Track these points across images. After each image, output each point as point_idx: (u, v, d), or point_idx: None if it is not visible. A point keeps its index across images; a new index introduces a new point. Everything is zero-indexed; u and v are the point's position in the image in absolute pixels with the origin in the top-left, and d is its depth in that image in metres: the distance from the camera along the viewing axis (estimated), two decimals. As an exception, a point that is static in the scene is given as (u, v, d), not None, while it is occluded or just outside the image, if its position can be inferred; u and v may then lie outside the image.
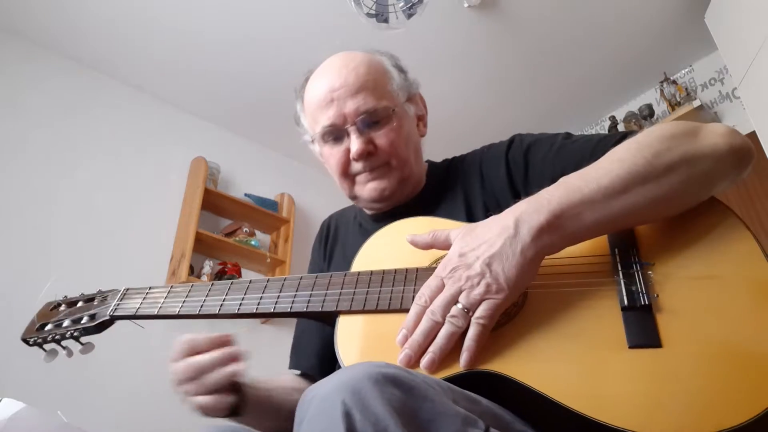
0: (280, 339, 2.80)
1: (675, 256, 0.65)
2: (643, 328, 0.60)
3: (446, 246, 0.70)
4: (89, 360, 0.84)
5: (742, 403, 0.52)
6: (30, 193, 2.35)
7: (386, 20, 2.00)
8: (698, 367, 0.55)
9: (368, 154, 0.89)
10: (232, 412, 0.75)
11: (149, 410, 2.23)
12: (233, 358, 0.74)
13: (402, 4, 1.97)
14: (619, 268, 0.65)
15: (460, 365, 0.61)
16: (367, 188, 0.92)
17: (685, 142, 0.67)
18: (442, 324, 0.63)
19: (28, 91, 2.50)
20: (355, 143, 0.88)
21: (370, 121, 0.89)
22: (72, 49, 2.64)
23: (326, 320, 0.76)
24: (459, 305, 0.63)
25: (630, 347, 0.59)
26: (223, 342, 0.76)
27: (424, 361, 0.62)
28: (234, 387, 0.75)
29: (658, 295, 0.62)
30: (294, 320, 1.03)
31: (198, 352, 0.75)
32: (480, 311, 0.62)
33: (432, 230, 0.73)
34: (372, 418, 0.47)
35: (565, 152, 0.83)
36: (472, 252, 0.65)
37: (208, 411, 0.74)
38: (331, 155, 0.93)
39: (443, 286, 0.65)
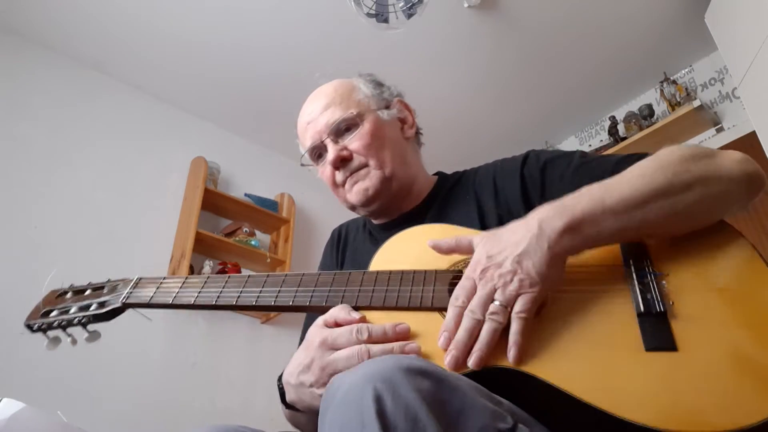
0: (281, 339, 2.80)
1: (687, 269, 0.68)
2: (659, 332, 0.62)
3: (469, 251, 0.72)
4: (90, 360, 0.84)
5: (755, 403, 0.54)
6: (30, 193, 2.35)
7: (386, 20, 2.01)
8: (713, 370, 0.58)
9: (343, 159, 0.96)
10: None
11: (149, 410, 2.23)
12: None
13: (402, 4, 1.97)
14: (635, 277, 0.68)
15: (510, 361, 0.62)
16: (353, 192, 0.97)
17: (703, 165, 0.71)
18: (483, 322, 0.64)
19: (28, 91, 2.50)
20: (330, 153, 0.96)
21: (340, 129, 0.97)
22: (72, 48, 2.64)
23: None
24: (496, 302, 0.64)
25: (647, 350, 0.61)
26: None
27: (472, 360, 0.62)
28: None
29: (673, 303, 0.65)
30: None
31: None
32: (518, 306, 0.63)
33: (455, 236, 0.74)
34: (403, 404, 0.48)
35: (583, 171, 0.85)
36: (500, 253, 0.66)
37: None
38: (322, 173, 1.01)
39: (476, 286, 0.66)
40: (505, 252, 0.66)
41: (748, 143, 2.48)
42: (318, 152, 1.00)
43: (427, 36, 2.60)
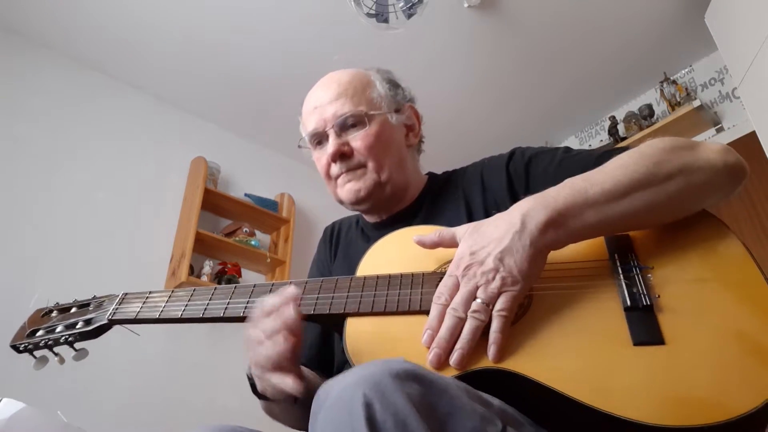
0: (280, 339, 2.79)
1: (672, 261, 0.69)
2: (646, 326, 0.62)
3: (453, 244, 0.72)
4: (89, 361, 0.84)
5: (745, 393, 0.54)
6: (30, 193, 2.35)
7: (386, 20, 2.01)
8: (701, 361, 0.58)
9: (342, 155, 0.95)
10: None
11: (149, 410, 2.23)
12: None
13: (402, 4, 1.97)
14: (620, 272, 0.68)
15: (489, 358, 0.62)
16: (345, 189, 0.97)
17: (684, 155, 0.71)
18: (465, 320, 0.64)
19: (28, 91, 2.50)
20: (331, 144, 0.95)
21: (347, 124, 0.96)
22: (72, 49, 2.64)
23: (331, 324, 0.77)
24: (478, 300, 0.65)
25: (634, 344, 0.61)
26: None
27: (454, 358, 0.63)
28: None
29: (659, 296, 0.65)
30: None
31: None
32: (499, 304, 0.64)
33: (437, 230, 0.74)
34: (392, 409, 0.48)
35: (567, 165, 0.85)
36: (482, 249, 0.67)
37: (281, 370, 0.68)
38: (317, 159, 1.01)
39: (459, 284, 0.67)
40: (488, 248, 0.66)
41: (748, 143, 2.48)
42: (318, 139, 0.99)
43: (427, 36, 2.59)
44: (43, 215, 2.35)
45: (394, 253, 0.82)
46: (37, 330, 0.84)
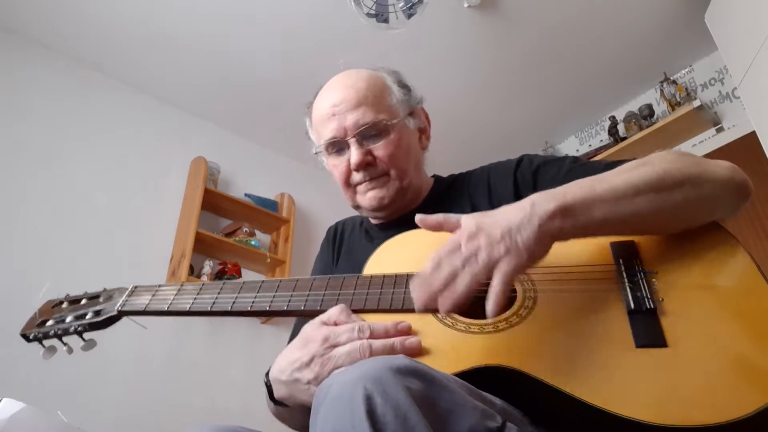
0: (281, 339, 2.80)
1: (676, 268, 0.70)
2: (649, 329, 0.63)
3: (457, 227, 0.70)
4: (89, 360, 0.84)
5: (747, 395, 0.55)
6: (30, 193, 2.35)
7: (386, 20, 2.01)
8: (702, 365, 0.59)
9: (367, 164, 0.95)
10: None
11: (149, 410, 2.23)
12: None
13: (402, 4, 1.97)
14: (625, 276, 0.69)
15: (487, 314, 0.61)
16: (367, 197, 0.97)
17: (694, 167, 0.72)
18: (460, 272, 0.62)
19: (28, 91, 2.50)
20: (354, 154, 0.94)
21: (369, 133, 0.95)
22: (72, 49, 2.64)
23: None
24: (479, 259, 0.63)
25: (637, 347, 0.62)
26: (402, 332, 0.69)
27: (441, 301, 0.61)
28: None
29: (662, 300, 0.65)
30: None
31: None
32: (501, 266, 0.62)
33: (444, 214, 0.72)
34: (393, 404, 0.48)
35: (574, 174, 0.85)
36: (489, 225, 0.65)
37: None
38: (335, 166, 0.99)
39: (460, 247, 0.65)
40: (496, 224, 0.65)
41: (748, 143, 2.48)
42: (337, 147, 0.97)
43: (427, 36, 2.59)
44: (43, 215, 2.34)
45: (400, 254, 0.83)
46: (48, 320, 0.86)
